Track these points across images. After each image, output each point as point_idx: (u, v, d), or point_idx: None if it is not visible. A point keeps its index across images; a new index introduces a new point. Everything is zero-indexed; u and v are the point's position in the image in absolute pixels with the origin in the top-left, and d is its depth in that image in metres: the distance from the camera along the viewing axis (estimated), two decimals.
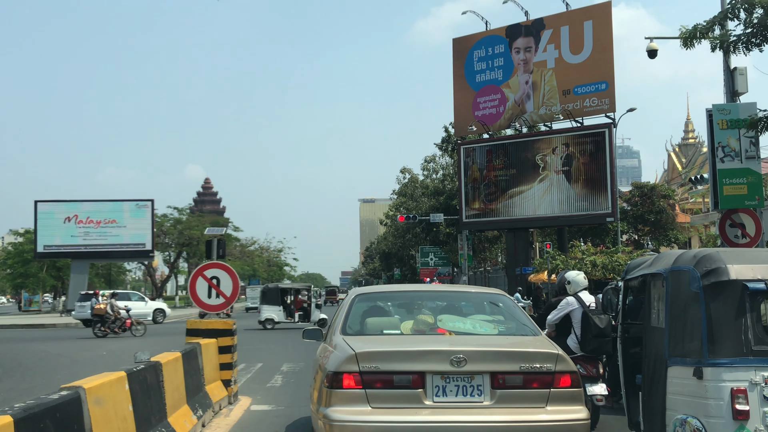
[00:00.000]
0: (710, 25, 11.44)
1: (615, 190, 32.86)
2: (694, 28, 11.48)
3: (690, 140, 69.12)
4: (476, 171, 36.82)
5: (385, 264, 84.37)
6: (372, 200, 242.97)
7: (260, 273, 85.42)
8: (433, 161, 55.55)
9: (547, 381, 5.28)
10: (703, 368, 4.93)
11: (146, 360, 6.59)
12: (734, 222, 13.13)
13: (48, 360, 17.02)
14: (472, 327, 6.06)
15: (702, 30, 11.41)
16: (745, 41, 11.02)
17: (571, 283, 8.25)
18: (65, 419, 4.29)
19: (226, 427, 8.26)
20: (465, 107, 37.54)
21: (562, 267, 23.62)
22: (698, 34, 11.41)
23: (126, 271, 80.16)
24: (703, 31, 11.40)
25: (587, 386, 7.37)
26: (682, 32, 11.61)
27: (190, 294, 10.34)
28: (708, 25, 11.45)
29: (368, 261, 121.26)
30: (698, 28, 11.45)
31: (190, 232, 59.45)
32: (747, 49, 11.15)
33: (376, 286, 8.13)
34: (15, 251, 59.77)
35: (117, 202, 48.03)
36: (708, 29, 11.42)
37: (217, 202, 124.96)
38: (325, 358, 5.78)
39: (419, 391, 5.21)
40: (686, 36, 11.51)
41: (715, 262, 5.12)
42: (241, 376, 12.56)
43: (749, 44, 11.02)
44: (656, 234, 41.01)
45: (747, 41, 11.02)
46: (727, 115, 13.21)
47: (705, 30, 11.40)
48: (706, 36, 11.44)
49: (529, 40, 35.56)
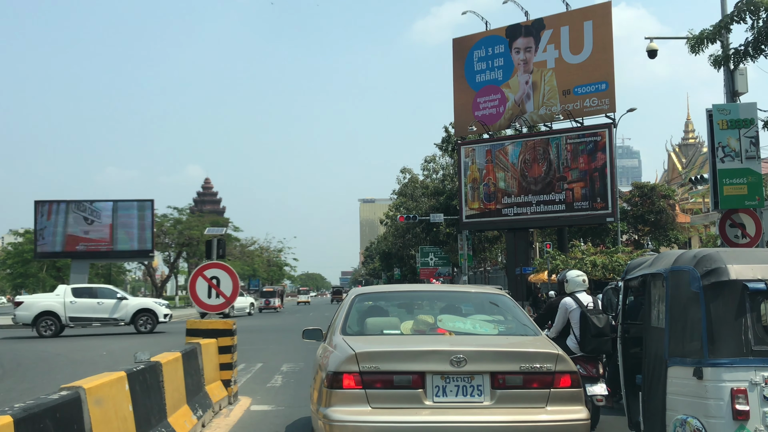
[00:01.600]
0: (717, 30, 11.40)
1: (615, 190, 32.85)
2: (700, 34, 11.45)
3: (690, 140, 69.16)
4: (476, 171, 36.81)
5: (385, 264, 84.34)
6: (372, 200, 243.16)
7: (260, 273, 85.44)
8: (433, 161, 55.56)
9: (547, 381, 5.28)
10: (703, 368, 4.93)
11: (146, 360, 6.59)
12: (734, 222, 13.13)
13: (48, 360, 17.01)
14: (472, 327, 6.06)
15: (709, 35, 11.38)
16: (754, 47, 10.93)
17: (568, 282, 8.27)
18: (65, 419, 4.28)
19: (226, 427, 8.26)
20: (465, 107, 37.54)
21: (562, 267, 23.61)
22: (705, 41, 11.38)
23: (126, 271, 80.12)
24: (710, 37, 11.37)
25: (587, 386, 7.37)
26: (690, 38, 11.58)
27: (190, 294, 10.34)
28: (714, 30, 11.40)
29: (368, 261, 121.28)
30: (705, 34, 11.42)
31: (190, 232, 59.39)
32: (754, 58, 11.08)
33: (376, 286, 8.12)
34: (15, 251, 59.76)
35: (117, 202, 47.98)
36: (715, 34, 11.38)
37: (217, 202, 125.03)
38: (325, 359, 5.78)
39: (419, 391, 5.21)
40: (694, 42, 11.48)
41: (715, 262, 5.12)
42: (241, 376, 12.55)
43: (757, 50, 10.94)
44: (656, 234, 40.99)
45: (756, 47, 10.93)
46: (728, 115, 13.21)
47: (712, 35, 11.37)
48: (713, 40, 11.42)
49: (529, 40, 35.56)
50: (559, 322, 8.16)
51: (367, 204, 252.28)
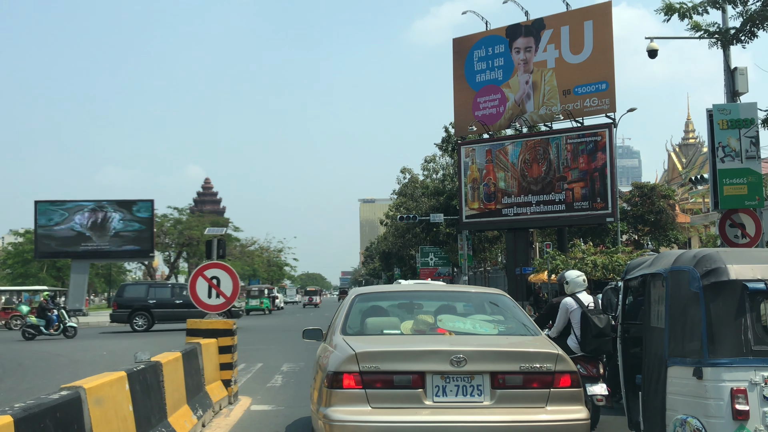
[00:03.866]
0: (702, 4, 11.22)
1: (615, 190, 32.85)
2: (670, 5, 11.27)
3: (690, 140, 69.15)
4: (476, 171, 36.81)
5: (385, 264, 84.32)
6: (372, 200, 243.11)
7: (260, 273, 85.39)
8: (433, 161, 55.52)
9: (547, 381, 5.28)
10: (703, 368, 4.93)
11: (146, 360, 6.59)
12: (734, 222, 13.12)
13: (48, 360, 17.02)
14: (472, 327, 6.06)
15: (688, 10, 11.20)
16: (747, 29, 10.84)
17: (569, 284, 8.26)
18: (65, 419, 4.28)
19: (226, 427, 8.26)
20: (465, 107, 37.54)
21: (562, 267, 23.61)
22: (682, 14, 11.24)
23: (126, 271, 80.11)
24: (689, 12, 11.19)
25: (587, 386, 7.37)
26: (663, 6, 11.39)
27: (191, 294, 10.34)
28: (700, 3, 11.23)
29: (368, 261, 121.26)
30: (682, 10, 11.21)
31: (190, 232, 59.38)
32: (749, 38, 11.00)
33: (376, 286, 8.12)
34: (15, 251, 59.77)
35: (117, 202, 47.95)
36: (697, 7, 11.20)
37: (217, 202, 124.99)
38: (325, 358, 5.78)
39: (419, 391, 5.21)
40: (665, 10, 11.31)
41: (715, 262, 5.12)
42: (241, 376, 12.56)
43: (751, 33, 10.85)
44: (656, 234, 40.97)
45: (748, 31, 10.85)
46: (728, 115, 13.21)
47: (694, 8, 11.21)
48: (689, 15, 11.26)
49: (530, 40, 35.55)
50: (560, 323, 8.16)
51: (367, 204, 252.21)
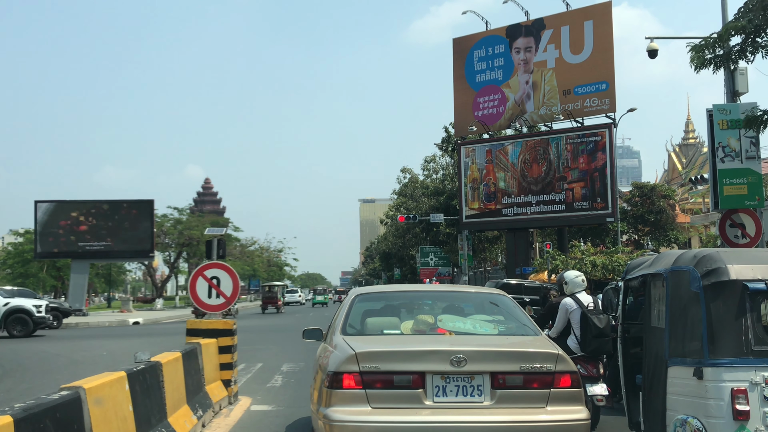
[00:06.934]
0: (721, 37, 11.11)
1: (615, 190, 32.87)
2: (701, 51, 11.11)
3: (690, 140, 69.16)
4: (476, 171, 36.83)
5: (385, 264, 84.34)
6: (372, 200, 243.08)
7: (260, 273, 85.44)
8: (433, 161, 55.59)
9: (547, 381, 5.28)
10: (703, 368, 4.93)
11: (146, 360, 6.58)
12: (734, 222, 13.12)
13: (48, 360, 17.01)
14: (472, 327, 6.06)
15: (711, 43, 11.11)
16: (751, 43, 10.79)
17: (568, 284, 8.26)
18: (65, 419, 4.28)
19: (226, 427, 8.26)
20: (465, 107, 37.55)
21: (562, 267, 23.60)
22: (709, 50, 11.15)
23: (126, 271, 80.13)
24: (711, 46, 11.10)
25: (587, 386, 7.36)
26: (692, 58, 11.23)
27: (190, 294, 10.33)
28: (718, 37, 11.12)
29: (368, 261, 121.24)
30: (708, 44, 11.10)
31: (190, 232, 59.43)
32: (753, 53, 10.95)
33: (376, 286, 8.11)
34: (15, 251, 59.76)
35: (117, 203, 47.95)
36: (717, 43, 11.12)
37: (217, 202, 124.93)
38: (325, 358, 5.77)
39: (419, 391, 5.21)
40: (697, 63, 11.16)
41: (715, 262, 5.12)
42: (241, 376, 12.55)
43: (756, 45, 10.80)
44: (656, 234, 41.00)
45: (753, 44, 10.80)
46: (728, 115, 13.20)
47: (713, 44, 11.12)
48: (713, 49, 11.19)
49: (530, 40, 35.57)
50: (560, 323, 8.16)
51: (367, 204, 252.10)
